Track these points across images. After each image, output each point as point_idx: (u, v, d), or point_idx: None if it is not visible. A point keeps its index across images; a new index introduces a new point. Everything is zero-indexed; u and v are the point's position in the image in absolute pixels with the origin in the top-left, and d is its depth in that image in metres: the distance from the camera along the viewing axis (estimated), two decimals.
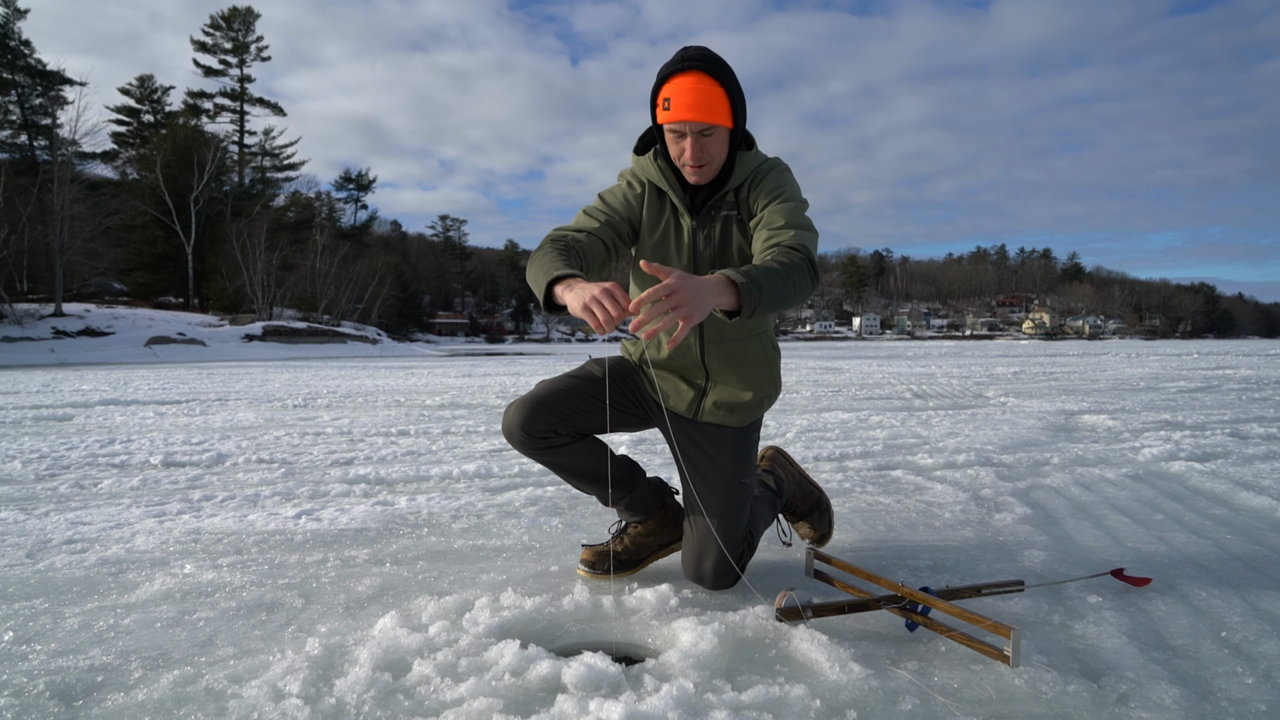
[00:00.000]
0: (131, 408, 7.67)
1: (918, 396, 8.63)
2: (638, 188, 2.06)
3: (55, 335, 29.69)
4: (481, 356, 30.96)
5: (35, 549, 2.52)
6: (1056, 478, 3.73)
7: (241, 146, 56.73)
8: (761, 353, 2.12)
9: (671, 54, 1.93)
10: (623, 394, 2.16)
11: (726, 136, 1.89)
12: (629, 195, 2.05)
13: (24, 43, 40.31)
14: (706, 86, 1.82)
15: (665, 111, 1.84)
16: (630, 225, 2.04)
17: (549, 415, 2.01)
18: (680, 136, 1.87)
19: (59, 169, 35.25)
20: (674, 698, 1.42)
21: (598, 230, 1.98)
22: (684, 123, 1.83)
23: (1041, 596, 2.04)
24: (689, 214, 2.00)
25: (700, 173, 1.91)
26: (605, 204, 2.05)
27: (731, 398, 2.10)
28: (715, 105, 1.83)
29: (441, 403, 8.12)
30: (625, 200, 2.05)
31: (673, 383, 2.14)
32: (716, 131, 1.86)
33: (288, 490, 3.53)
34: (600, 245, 1.96)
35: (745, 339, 2.08)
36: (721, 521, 2.06)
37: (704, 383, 2.11)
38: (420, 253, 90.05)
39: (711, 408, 2.11)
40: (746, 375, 2.10)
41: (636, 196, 2.05)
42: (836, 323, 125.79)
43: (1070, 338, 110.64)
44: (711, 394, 2.10)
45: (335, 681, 1.52)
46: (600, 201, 2.07)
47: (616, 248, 2.02)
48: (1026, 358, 22.48)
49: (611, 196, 2.06)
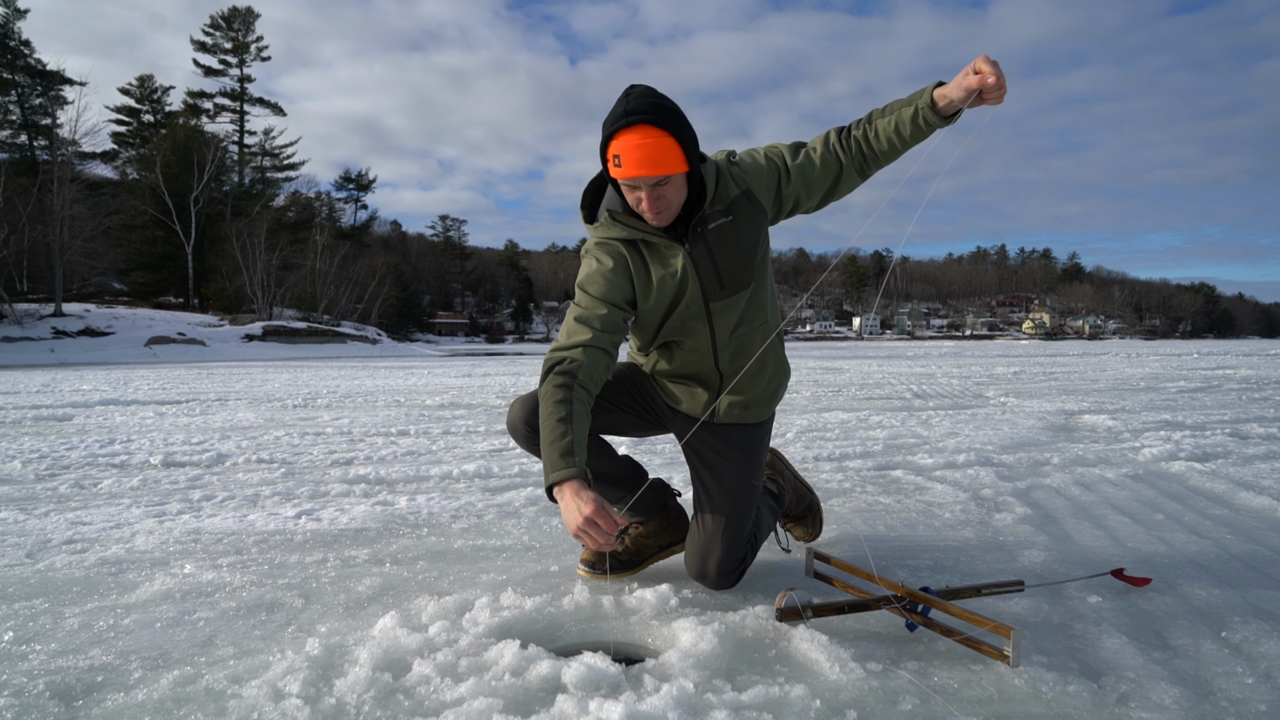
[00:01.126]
0: (131, 408, 7.67)
1: (918, 396, 8.63)
2: (609, 260, 1.96)
3: (55, 335, 29.70)
4: (481, 356, 30.97)
5: (35, 549, 2.52)
6: (1056, 478, 3.73)
7: (241, 146, 56.74)
8: (764, 340, 2.10)
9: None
10: (632, 398, 2.18)
11: (683, 179, 1.86)
12: (609, 275, 1.96)
13: (24, 43, 40.32)
14: (655, 140, 1.77)
15: (617, 168, 1.81)
16: (626, 305, 1.99)
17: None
18: (636, 188, 1.84)
19: (59, 169, 35.24)
20: (674, 698, 1.42)
21: (598, 341, 1.92)
22: (638, 179, 1.80)
23: (1041, 596, 2.04)
24: (677, 242, 1.95)
25: (661, 218, 1.89)
26: (591, 299, 1.95)
27: (747, 395, 2.11)
28: (667, 156, 1.79)
29: (441, 403, 8.12)
30: (609, 282, 1.95)
31: (686, 388, 2.14)
32: (673, 179, 1.83)
33: (288, 490, 3.53)
34: (603, 357, 1.93)
35: (750, 330, 2.06)
36: (729, 521, 2.07)
37: (718, 384, 2.10)
38: (420, 253, 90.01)
39: (727, 408, 2.11)
40: (758, 367, 2.09)
41: (615, 270, 1.96)
42: (836, 323, 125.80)
43: (1070, 338, 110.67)
44: (726, 395, 2.10)
45: (335, 681, 1.52)
46: (585, 297, 1.97)
47: (615, 344, 1.98)
48: (1026, 358, 22.49)
49: (593, 285, 1.96)
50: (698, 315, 2.01)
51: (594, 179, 2.00)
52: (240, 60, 57.04)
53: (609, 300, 1.95)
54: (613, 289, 1.96)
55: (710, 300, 1.99)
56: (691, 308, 1.99)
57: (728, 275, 1.98)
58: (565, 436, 1.79)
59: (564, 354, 1.91)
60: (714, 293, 1.98)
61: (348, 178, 71.01)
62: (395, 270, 59.57)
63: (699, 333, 2.03)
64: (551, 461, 1.77)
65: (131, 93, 55.04)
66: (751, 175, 1.98)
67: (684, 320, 2.02)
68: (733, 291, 1.99)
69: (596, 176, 1.99)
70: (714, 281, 1.98)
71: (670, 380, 2.15)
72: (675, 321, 2.03)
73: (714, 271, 1.98)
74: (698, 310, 2.00)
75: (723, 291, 1.98)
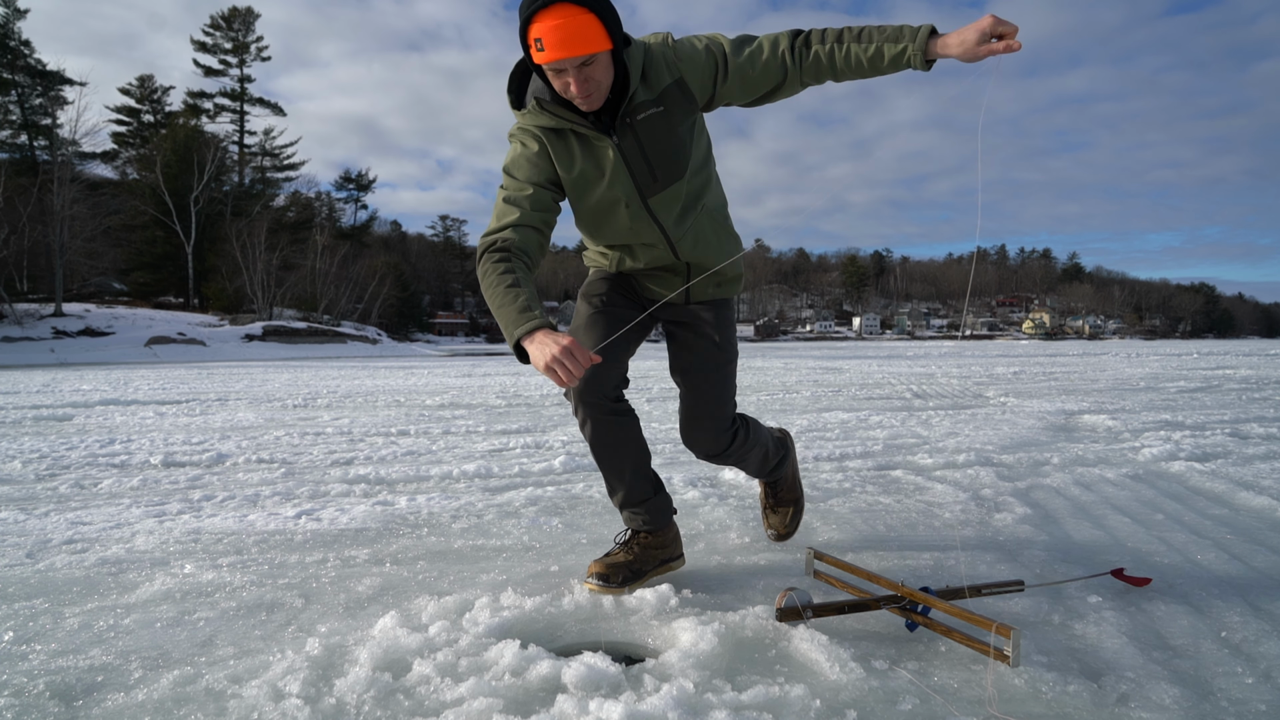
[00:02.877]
0: (131, 408, 7.67)
1: (918, 396, 8.63)
2: (534, 144, 1.96)
3: (55, 335, 29.71)
4: (481, 356, 30.97)
5: (35, 549, 2.52)
6: (1056, 478, 3.73)
7: (241, 146, 56.74)
8: (710, 222, 2.15)
9: None
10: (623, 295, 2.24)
11: (609, 57, 1.81)
12: (533, 158, 1.96)
13: (24, 43, 40.33)
14: (576, 19, 1.73)
15: (540, 53, 1.77)
16: (551, 187, 1.99)
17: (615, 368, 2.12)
18: (561, 73, 1.81)
19: (59, 169, 35.28)
20: (674, 698, 1.42)
21: (525, 218, 1.93)
22: (562, 60, 1.76)
23: (1041, 596, 2.04)
24: (604, 134, 1.93)
25: (590, 100, 1.85)
26: (518, 181, 1.97)
27: (714, 272, 2.18)
28: (589, 34, 1.75)
29: (441, 403, 8.12)
30: (533, 165, 1.96)
31: (660, 279, 2.21)
32: (598, 58, 1.80)
33: (288, 490, 3.53)
34: (535, 235, 1.94)
35: (696, 218, 2.11)
36: (715, 387, 2.22)
37: (686, 270, 2.17)
38: (420, 253, 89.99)
39: (699, 287, 2.19)
40: (714, 246, 2.16)
41: (539, 154, 1.96)
42: (836, 323, 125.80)
43: (1070, 338, 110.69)
44: (695, 275, 2.17)
45: (335, 681, 1.52)
46: (511, 180, 1.98)
47: (548, 223, 1.99)
48: (1026, 358, 22.49)
49: (518, 169, 1.97)
50: (639, 215, 2.03)
51: (519, 63, 1.96)
52: (240, 60, 57.05)
53: (534, 181, 1.96)
54: (537, 171, 1.96)
55: (647, 196, 2.01)
56: (631, 207, 2.01)
57: (660, 168, 1.98)
58: (519, 296, 1.81)
59: (495, 236, 1.91)
60: (648, 187, 1.99)
61: (348, 178, 70.98)
62: (395, 270, 59.53)
63: (648, 230, 2.06)
64: (512, 319, 1.78)
65: (131, 93, 55.07)
66: (687, 63, 1.92)
67: (631, 221, 2.04)
68: (667, 184, 2.00)
69: (521, 61, 1.95)
70: (646, 175, 1.98)
71: (644, 277, 2.22)
72: (621, 221, 2.05)
73: (645, 165, 1.97)
74: (638, 210, 2.02)
75: (656, 184, 1.99)
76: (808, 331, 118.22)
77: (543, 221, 1.97)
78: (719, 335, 2.22)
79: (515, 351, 1.78)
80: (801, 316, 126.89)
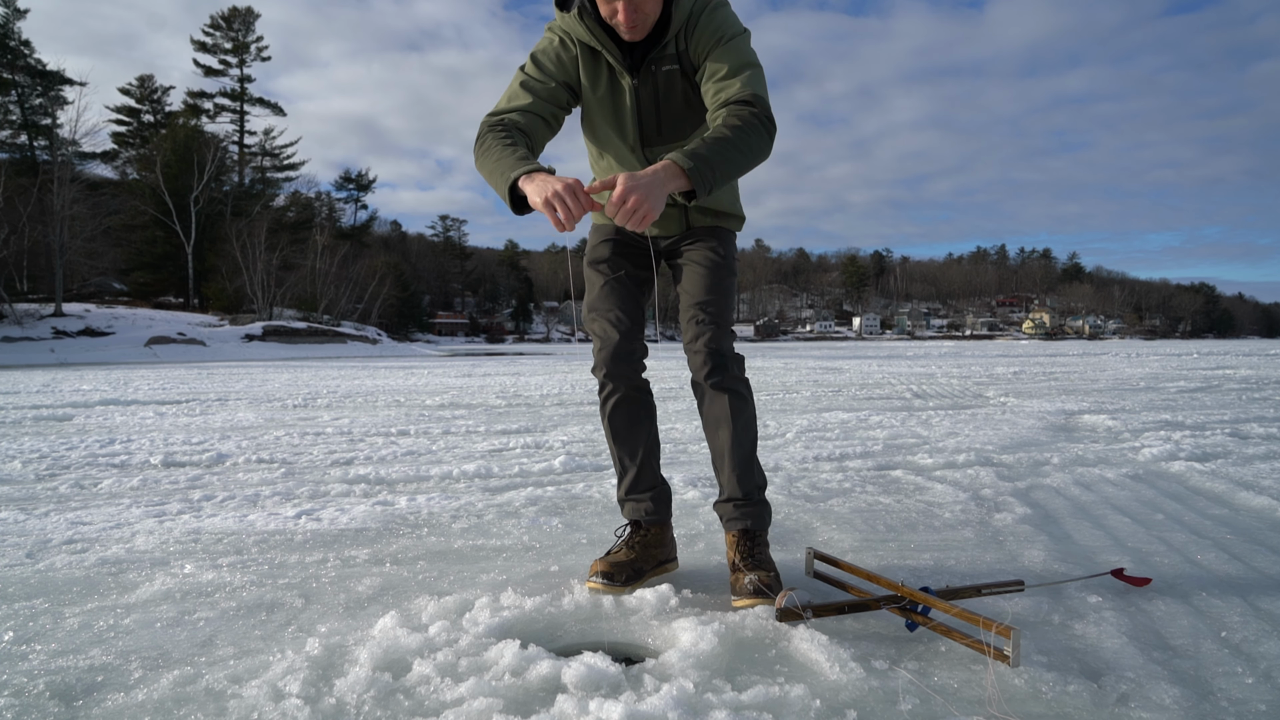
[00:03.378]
0: (131, 408, 7.67)
1: (918, 396, 8.63)
2: (571, 47, 1.97)
3: (55, 335, 29.70)
4: (481, 356, 30.97)
5: (35, 549, 2.52)
6: (1056, 478, 3.73)
7: (241, 146, 56.76)
8: None
9: None
10: (635, 262, 2.20)
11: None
12: (563, 55, 1.96)
13: (24, 43, 40.33)
14: None
15: None
16: (569, 88, 1.99)
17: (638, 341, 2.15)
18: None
19: (59, 169, 35.25)
20: (674, 698, 1.42)
21: (536, 107, 1.92)
22: None
23: (1041, 596, 2.04)
24: (628, 73, 1.93)
25: (635, 31, 1.84)
26: (541, 70, 1.96)
27: (714, 207, 2.15)
28: None
29: (441, 403, 8.12)
30: (560, 61, 1.96)
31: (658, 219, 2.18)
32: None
33: (288, 490, 3.53)
34: (541, 123, 1.93)
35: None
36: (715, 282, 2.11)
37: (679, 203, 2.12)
38: (420, 253, 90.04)
39: (698, 215, 2.15)
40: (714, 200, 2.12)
41: (571, 57, 1.97)
42: (836, 323, 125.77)
43: (1070, 338, 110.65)
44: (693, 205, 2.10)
45: (335, 681, 1.52)
46: (535, 68, 1.97)
47: (557, 118, 1.98)
48: (1026, 358, 22.48)
49: (545, 59, 1.97)
50: (636, 158, 2.05)
51: None
52: (240, 60, 57.08)
53: (556, 79, 1.96)
54: (562, 69, 1.97)
55: (647, 145, 2.03)
56: (634, 151, 2.04)
57: (666, 125, 2.00)
58: (517, 150, 1.79)
59: (501, 115, 1.90)
60: (651, 137, 2.02)
61: (348, 178, 71.07)
62: (395, 270, 59.57)
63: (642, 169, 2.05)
64: (510, 165, 1.74)
65: (131, 93, 55.09)
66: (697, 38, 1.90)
67: (629, 155, 2.06)
68: (668, 140, 2.01)
69: None
70: (653, 127, 2.00)
71: None
72: (620, 152, 2.07)
73: (655, 117, 1.99)
74: (636, 153, 2.04)
75: (659, 138, 2.02)
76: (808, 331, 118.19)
77: (552, 115, 1.96)
78: (722, 250, 2.16)
79: (510, 200, 1.73)
80: (801, 316, 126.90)
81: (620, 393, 2.17)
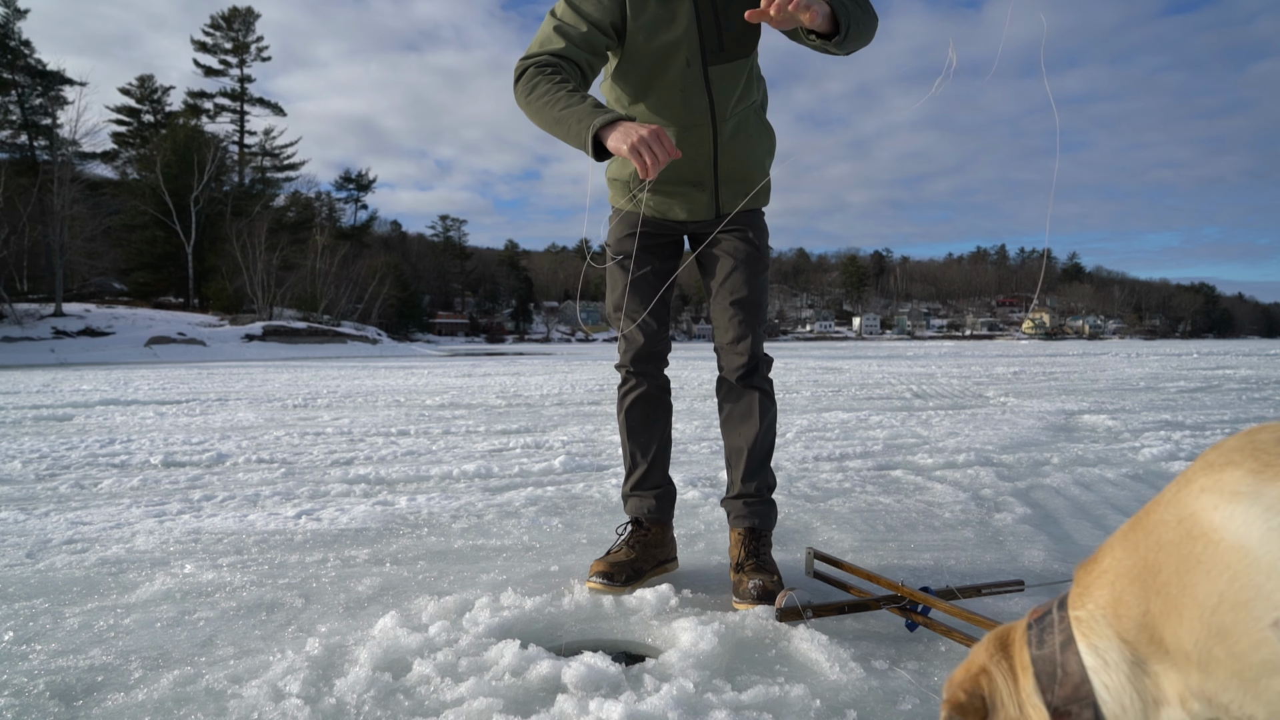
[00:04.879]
0: (131, 408, 7.67)
1: (918, 396, 8.63)
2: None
3: (55, 335, 29.69)
4: (481, 356, 30.96)
5: (35, 549, 2.52)
6: (1056, 478, 3.73)
7: (241, 146, 56.77)
8: (755, 116, 2.10)
9: None
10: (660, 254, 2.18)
11: None
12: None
13: (24, 43, 40.31)
14: None
15: None
16: (610, 32, 1.90)
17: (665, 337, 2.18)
18: None
19: (59, 169, 35.25)
20: (674, 698, 1.42)
21: (573, 54, 1.85)
22: None
23: (1041, 596, 2.04)
24: None
25: None
26: (576, 15, 1.88)
27: (745, 177, 2.08)
28: None
29: (441, 403, 8.12)
30: (600, 2, 1.88)
31: (685, 195, 2.10)
32: None
33: (288, 490, 3.53)
34: (576, 69, 1.86)
35: (746, 111, 2.05)
36: (748, 298, 2.09)
37: (714, 179, 2.07)
38: (420, 253, 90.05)
39: (730, 197, 2.09)
40: (753, 140, 2.09)
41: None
42: (836, 323, 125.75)
43: (1070, 338, 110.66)
44: (724, 186, 2.08)
45: (335, 681, 1.52)
46: (569, 11, 1.88)
47: (593, 66, 1.91)
48: (1026, 358, 22.48)
49: (585, 2, 1.88)
50: (695, 79, 1.95)
51: None
52: (240, 60, 57.09)
53: (594, 21, 1.87)
54: (601, 9, 1.88)
55: (709, 63, 1.94)
56: (692, 66, 1.93)
57: (730, 37, 1.93)
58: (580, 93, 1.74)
59: (535, 58, 1.84)
60: (714, 52, 1.93)
61: (348, 178, 71.09)
62: (395, 270, 59.57)
63: (698, 100, 1.97)
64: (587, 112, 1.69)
65: (132, 93, 55.07)
66: None
67: (684, 84, 1.95)
68: (732, 57, 1.95)
69: None
70: (714, 40, 1.93)
71: (667, 195, 2.10)
72: (674, 79, 1.95)
73: (716, 29, 1.92)
74: (696, 73, 1.94)
75: (722, 53, 1.94)
76: (808, 331, 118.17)
77: (586, 63, 1.88)
78: (756, 239, 2.12)
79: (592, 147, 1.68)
80: (801, 316, 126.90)
81: (642, 389, 2.20)
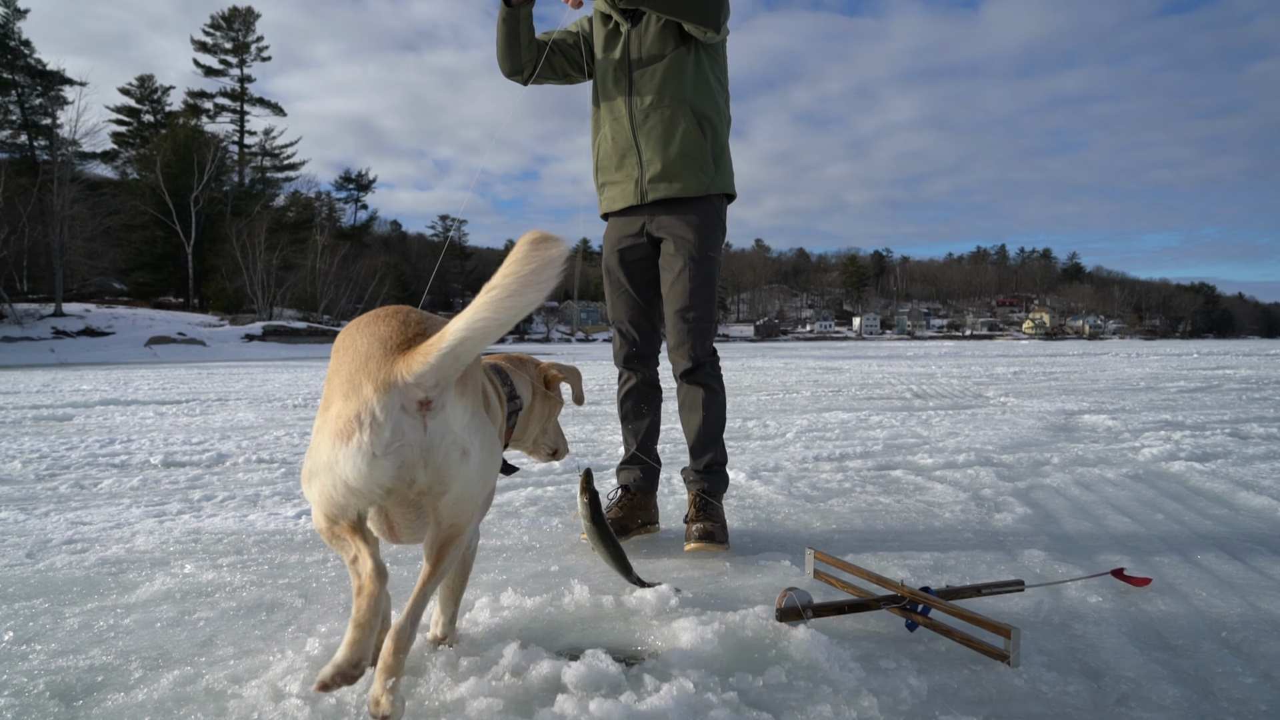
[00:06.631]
0: (131, 408, 7.67)
1: (918, 396, 8.63)
2: (587, 26, 2.66)
3: (55, 335, 29.69)
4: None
5: (35, 549, 2.52)
6: (1056, 478, 3.73)
7: (241, 146, 56.72)
8: (691, 127, 2.45)
9: None
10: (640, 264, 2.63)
11: None
12: (583, 23, 2.66)
13: (24, 43, 40.30)
14: None
15: None
16: (586, 44, 2.60)
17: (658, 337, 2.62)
18: None
19: (59, 169, 35.25)
20: (674, 698, 1.42)
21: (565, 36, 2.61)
22: None
23: (1041, 596, 2.04)
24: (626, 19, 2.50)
25: None
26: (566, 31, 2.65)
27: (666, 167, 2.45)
28: None
29: None
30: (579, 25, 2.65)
31: (619, 187, 2.55)
32: None
33: (288, 490, 3.53)
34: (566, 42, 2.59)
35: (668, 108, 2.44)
36: (690, 307, 2.48)
37: (639, 166, 2.48)
38: (420, 253, 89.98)
39: (650, 184, 2.47)
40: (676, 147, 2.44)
41: (587, 20, 2.66)
42: (836, 323, 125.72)
43: (1070, 338, 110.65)
44: (648, 170, 2.46)
45: None
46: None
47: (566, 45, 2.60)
48: (1026, 358, 22.48)
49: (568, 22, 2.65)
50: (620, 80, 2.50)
51: None
52: (240, 60, 57.05)
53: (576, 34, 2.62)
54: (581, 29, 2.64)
55: (634, 69, 2.47)
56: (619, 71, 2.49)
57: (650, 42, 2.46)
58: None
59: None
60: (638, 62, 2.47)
61: (347, 178, 71.08)
62: (395, 270, 59.54)
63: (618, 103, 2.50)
64: None
65: (131, 93, 55.03)
66: None
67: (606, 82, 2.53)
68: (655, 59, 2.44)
69: None
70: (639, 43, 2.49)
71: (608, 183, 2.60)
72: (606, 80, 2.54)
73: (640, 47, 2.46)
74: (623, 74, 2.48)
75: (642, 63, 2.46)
76: (808, 331, 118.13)
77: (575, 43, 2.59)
78: (696, 237, 2.47)
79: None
80: (801, 316, 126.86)
81: (632, 384, 2.69)
